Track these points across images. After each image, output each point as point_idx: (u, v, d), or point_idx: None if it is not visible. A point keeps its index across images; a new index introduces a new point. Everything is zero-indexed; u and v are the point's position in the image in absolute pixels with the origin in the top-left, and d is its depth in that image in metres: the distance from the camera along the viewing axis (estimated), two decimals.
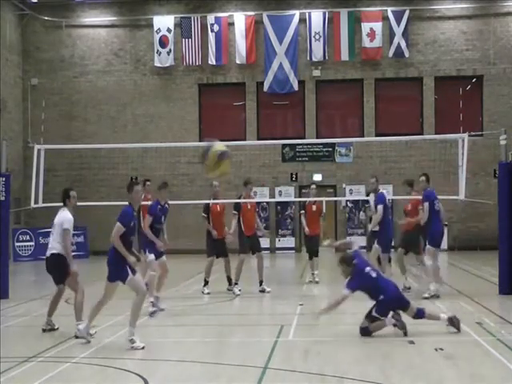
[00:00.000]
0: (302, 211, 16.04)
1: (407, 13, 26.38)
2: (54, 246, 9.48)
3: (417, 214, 13.24)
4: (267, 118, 27.53)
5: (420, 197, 13.04)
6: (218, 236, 13.93)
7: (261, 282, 14.11)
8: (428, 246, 12.62)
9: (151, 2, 27.62)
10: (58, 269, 9.51)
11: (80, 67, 27.85)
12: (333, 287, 13.47)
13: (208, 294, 13.79)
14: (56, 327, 9.83)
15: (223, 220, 14.21)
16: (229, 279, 14.20)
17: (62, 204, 9.82)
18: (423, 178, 13.01)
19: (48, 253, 9.45)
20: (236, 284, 13.87)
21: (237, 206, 14.03)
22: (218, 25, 26.97)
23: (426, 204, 12.63)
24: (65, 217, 9.49)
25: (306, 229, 15.62)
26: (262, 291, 13.95)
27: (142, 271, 10.73)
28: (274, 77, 26.61)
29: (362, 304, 11.65)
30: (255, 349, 8.78)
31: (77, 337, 9.11)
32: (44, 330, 9.45)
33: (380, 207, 13.06)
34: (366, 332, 9.21)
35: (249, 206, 14.16)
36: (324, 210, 16.43)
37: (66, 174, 26.65)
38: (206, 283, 14.06)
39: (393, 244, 14.59)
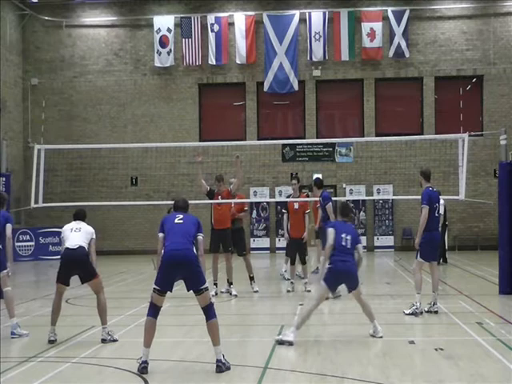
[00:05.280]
0: (284, 211, 14.28)
1: (407, 13, 26.39)
2: (83, 242, 9.33)
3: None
4: (267, 118, 27.54)
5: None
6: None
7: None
8: (419, 259, 11.17)
9: (151, 2, 27.62)
10: (91, 263, 9.35)
11: (80, 67, 27.85)
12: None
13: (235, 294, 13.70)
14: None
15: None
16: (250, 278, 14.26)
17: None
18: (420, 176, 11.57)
19: (76, 244, 9.18)
20: (215, 285, 13.87)
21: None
22: (218, 25, 26.97)
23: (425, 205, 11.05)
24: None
25: (286, 234, 14.03)
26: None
27: None
28: (274, 77, 26.61)
29: None
30: (255, 349, 8.78)
31: (104, 340, 9.06)
32: (51, 342, 9.04)
33: (330, 205, 12.96)
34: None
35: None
36: (309, 209, 14.19)
37: (65, 174, 26.63)
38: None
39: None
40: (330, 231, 9.33)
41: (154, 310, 7.71)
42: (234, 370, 7.45)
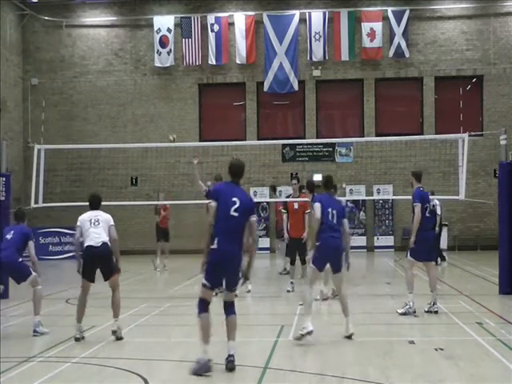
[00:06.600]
0: (284, 210, 14.19)
1: (407, 13, 26.39)
2: (105, 236, 9.36)
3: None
4: (267, 118, 27.54)
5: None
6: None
7: None
8: (409, 257, 11.26)
9: (151, 2, 27.63)
10: (113, 259, 9.39)
11: (80, 67, 27.85)
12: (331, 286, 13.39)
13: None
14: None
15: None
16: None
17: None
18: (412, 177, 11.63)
19: (99, 242, 9.19)
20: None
21: None
22: (218, 25, 26.98)
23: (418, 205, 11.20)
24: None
25: (286, 234, 13.99)
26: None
27: None
28: (274, 77, 26.61)
29: (362, 304, 11.68)
30: (255, 349, 8.78)
31: (114, 332, 9.14)
32: (78, 339, 9.10)
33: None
34: None
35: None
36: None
37: (65, 174, 26.66)
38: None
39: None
40: (317, 206, 9.28)
41: (204, 305, 7.66)
42: (234, 370, 7.45)
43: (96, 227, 9.26)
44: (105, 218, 9.46)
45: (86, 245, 9.23)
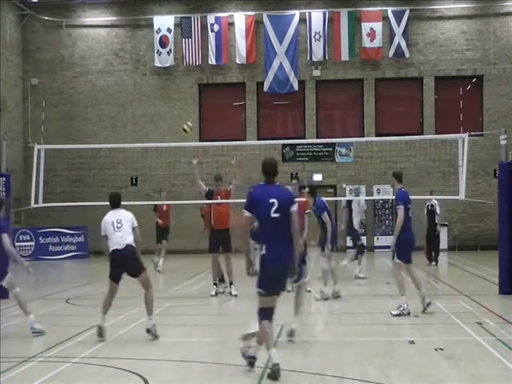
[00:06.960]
0: None
1: (407, 13, 26.39)
2: (129, 238, 9.38)
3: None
4: (267, 118, 27.53)
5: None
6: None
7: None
8: (396, 260, 11.07)
9: (151, 2, 27.62)
10: (138, 259, 9.42)
11: (80, 67, 27.86)
12: (331, 286, 13.38)
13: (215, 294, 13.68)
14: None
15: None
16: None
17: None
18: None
19: (123, 244, 9.26)
20: (215, 285, 13.81)
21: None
22: (218, 25, 26.98)
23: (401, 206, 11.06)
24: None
25: None
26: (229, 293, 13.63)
27: None
28: (274, 77, 26.61)
29: (362, 304, 11.68)
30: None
31: (149, 330, 9.15)
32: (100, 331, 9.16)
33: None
34: None
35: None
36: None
37: (65, 173, 26.65)
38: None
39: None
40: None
41: (266, 313, 7.34)
42: (234, 370, 7.45)
43: (119, 230, 9.29)
44: (127, 218, 9.47)
45: (111, 249, 9.29)
